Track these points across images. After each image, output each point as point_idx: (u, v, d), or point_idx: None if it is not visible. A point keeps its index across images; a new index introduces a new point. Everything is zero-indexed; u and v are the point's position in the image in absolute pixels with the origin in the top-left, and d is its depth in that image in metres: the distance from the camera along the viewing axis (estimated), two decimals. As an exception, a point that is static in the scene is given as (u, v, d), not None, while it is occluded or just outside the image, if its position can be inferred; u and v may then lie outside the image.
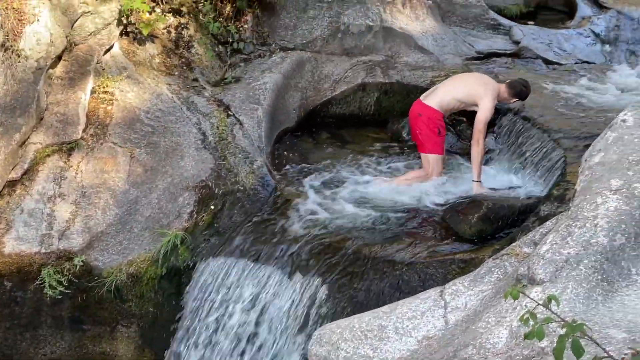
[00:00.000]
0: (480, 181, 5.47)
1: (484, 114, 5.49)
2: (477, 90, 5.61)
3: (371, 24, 6.85)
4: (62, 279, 4.78)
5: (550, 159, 5.36)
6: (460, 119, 6.28)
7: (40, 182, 5.00)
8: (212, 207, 5.08)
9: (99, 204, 5.00)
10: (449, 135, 6.06)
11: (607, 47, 8.62)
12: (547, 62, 7.82)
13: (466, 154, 5.84)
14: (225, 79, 6.16)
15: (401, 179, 5.67)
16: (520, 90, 5.71)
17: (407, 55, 7.07)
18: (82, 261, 4.83)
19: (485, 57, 7.60)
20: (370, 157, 6.10)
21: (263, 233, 4.88)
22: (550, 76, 7.33)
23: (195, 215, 5.04)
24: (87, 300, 4.88)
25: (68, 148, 5.15)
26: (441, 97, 5.62)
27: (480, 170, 5.50)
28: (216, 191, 5.17)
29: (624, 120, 3.15)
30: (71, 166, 5.09)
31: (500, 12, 8.95)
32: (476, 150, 5.47)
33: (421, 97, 5.76)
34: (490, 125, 5.76)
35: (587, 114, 6.04)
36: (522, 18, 9.22)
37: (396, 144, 6.44)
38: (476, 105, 5.61)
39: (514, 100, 5.78)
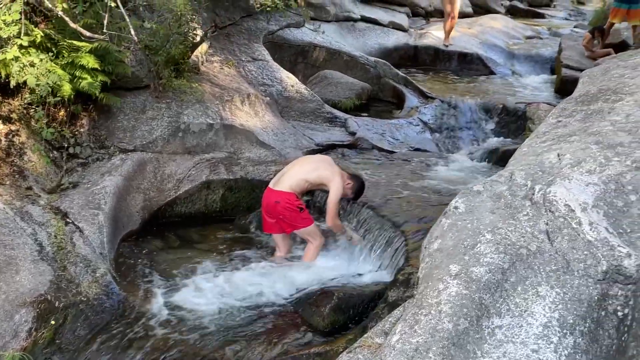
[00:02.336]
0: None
1: (335, 193, 5.70)
2: (325, 172, 5.82)
3: (211, 122, 6.91)
4: None
5: (394, 245, 5.56)
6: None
7: None
8: (53, 322, 4.75)
9: None
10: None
11: (436, 134, 9.24)
12: (382, 150, 8.23)
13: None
14: (62, 185, 5.91)
15: (307, 260, 5.85)
16: (359, 184, 5.98)
17: (250, 151, 7.17)
18: None
19: (324, 148, 7.87)
20: (219, 254, 6.04)
21: (110, 346, 4.62)
22: (386, 164, 7.70)
23: (34, 333, 4.67)
24: None
25: None
26: (290, 180, 5.77)
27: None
28: (57, 305, 4.85)
29: (456, 207, 3.34)
30: None
31: (335, 105, 9.36)
32: (335, 228, 5.81)
33: (270, 185, 5.89)
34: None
35: (425, 199, 6.37)
36: (355, 110, 9.68)
37: (244, 239, 6.43)
38: (324, 185, 5.82)
39: (350, 193, 5.99)
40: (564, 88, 10.30)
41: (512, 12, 20.29)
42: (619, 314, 2.74)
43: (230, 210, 6.81)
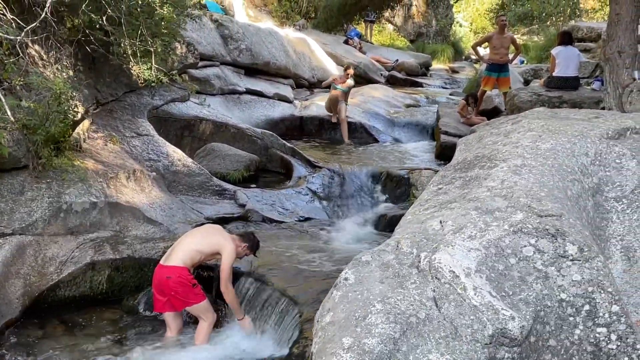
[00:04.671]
0: (243, 317, 5.76)
1: (228, 259, 5.67)
2: (217, 239, 5.81)
3: (95, 200, 6.70)
4: None
5: (287, 318, 5.52)
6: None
7: None
8: None
9: None
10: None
11: (324, 203, 9.36)
12: (273, 221, 8.25)
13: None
14: None
15: (200, 340, 5.65)
16: (253, 241, 6.01)
17: (137, 229, 6.99)
18: None
19: (214, 222, 7.78)
20: (106, 340, 5.77)
21: None
22: (278, 235, 7.71)
23: None
24: None
25: None
26: (182, 254, 5.68)
27: (239, 308, 5.76)
28: None
29: (346, 279, 3.37)
30: None
31: (223, 178, 9.33)
32: (227, 294, 5.66)
33: (161, 262, 5.78)
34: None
35: (317, 269, 6.40)
36: (244, 182, 9.70)
37: (133, 321, 6.20)
38: (218, 254, 5.76)
39: (248, 251, 5.97)
40: (444, 153, 10.78)
41: (392, 81, 21.17)
42: (507, 376, 2.82)
43: (117, 291, 6.56)
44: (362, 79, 19.47)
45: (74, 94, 6.84)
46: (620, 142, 4.62)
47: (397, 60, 23.59)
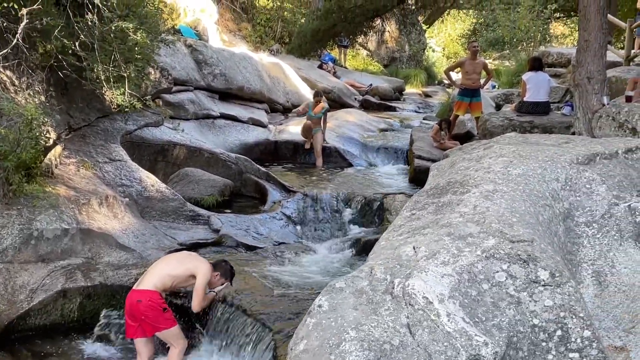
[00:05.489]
0: (217, 294, 5.97)
1: (202, 278, 5.66)
2: (192, 263, 5.78)
3: (67, 227, 6.63)
4: None
5: (261, 345, 5.48)
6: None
7: None
8: None
9: None
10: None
11: (299, 228, 9.35)
12: (247, 246, 8.21)
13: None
14: None
15: None
16: (224, 268, 5.95)
17: (109, 255, 6.92)
18: None
19: (188, 248, 7.73)
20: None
21: None
22: (252, 260, 7.66)
23: None
24: None
25: None
26: (154, 278, 5.64)
27: (213, 296, 5.95)
28: None
29: (320, 306, 3.36)
30: None
31: (197, 203, 9.28)
32: (200, 309, 5.75)
33: (134, 287, 5.71)
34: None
35: (292, 295, 6.36)
36: (219, 207, 9.65)
37: (104, 350, 6.11)
38: (191, 278, 5.71)
39: (223, 280, 5.91)
40: (418, 177, 10.81)
41: (366, 106, 21.26)
42: (481, 403, 2.82)
43: (89, 319, 6.47)
44: (336, 103, 19.53)
45: (46, 119, 6.79)
46: (590, 167, 4.70)
47: (371, 84, 23.73)
